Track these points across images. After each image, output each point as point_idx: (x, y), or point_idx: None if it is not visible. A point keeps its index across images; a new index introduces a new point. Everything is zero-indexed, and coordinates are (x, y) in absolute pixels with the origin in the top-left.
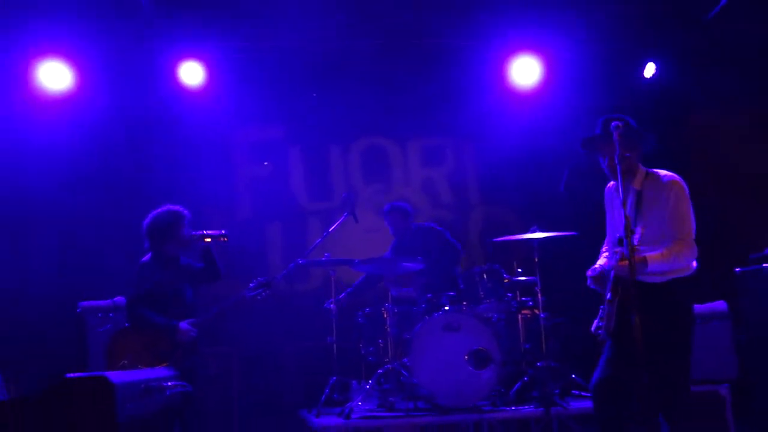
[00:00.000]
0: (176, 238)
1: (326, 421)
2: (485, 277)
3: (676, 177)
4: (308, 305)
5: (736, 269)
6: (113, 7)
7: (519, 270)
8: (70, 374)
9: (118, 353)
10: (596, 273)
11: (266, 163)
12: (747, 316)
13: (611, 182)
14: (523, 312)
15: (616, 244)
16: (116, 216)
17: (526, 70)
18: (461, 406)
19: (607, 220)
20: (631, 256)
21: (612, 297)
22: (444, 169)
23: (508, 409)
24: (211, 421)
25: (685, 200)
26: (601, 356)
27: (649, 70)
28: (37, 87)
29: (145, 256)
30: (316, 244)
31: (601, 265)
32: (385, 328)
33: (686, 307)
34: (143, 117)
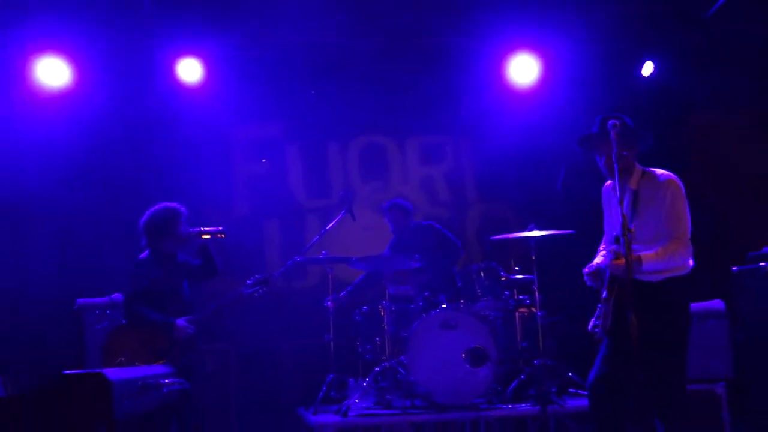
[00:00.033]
0: (173, 235)
1: (323, 419)
2: (482, 275)
3: (673, 176)
4: (306, 303)
5: (733, 268)
6: (112, 3)
7: (516, 268)
8: (67, 371)
9: (115, 350)
10: (593, 269)
11: (264, 161)
12: (744, 315)
13: (608, 181)
14: (520, 310)
15: (614, 243)
16: (113, 213)
17: (524, 69)
18: (458, 404)
19: (604, 219)
20: (628, 255)
21: (608, 295)
22: (442, 167)
23: (505, 407)
24: (209, 418)
25: (681, 199)
26: (598, 354)
27: (647, 68)
28: (35, 83)
29: (143, 254)
30: (313, 242)
31: (597, 263)
32: (383, 326)
33: (682, 306)
34: (141, 114)
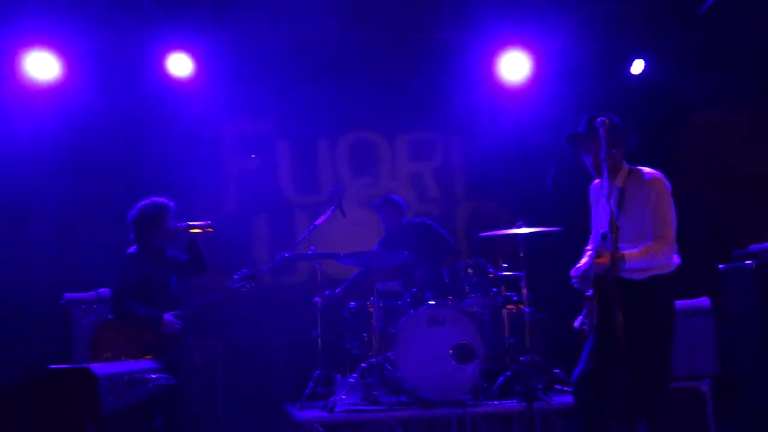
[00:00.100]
0: (162, 230)
1: (310, 415)
2: (471, 271)
3: (659, 174)
4: (294, 298)
5: (720, 266)
6: None
7: (504, 265)
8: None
9: (103, 345)
10: (580, 273)
11: (253, 156)
12: (730, 313)
13: (596, 180)
14: (508, 307)
15: (601, 240)
16: (101, 207)
17: (515, 65)
18: (444, 400)
19: (592, 218)
20: (614, 252)
21: (593, 293)
22: (431, 164)
23: (491, 403)
24: (196, 413)
25: (666, 198)
26: (583, 350)
27: (638, 66)
28: (24, 77)
29: (131, 248)
30: (302, 238)
31: (584, 263)
32: (371, 322)
33: (666, 304)
34: (131, 108)
